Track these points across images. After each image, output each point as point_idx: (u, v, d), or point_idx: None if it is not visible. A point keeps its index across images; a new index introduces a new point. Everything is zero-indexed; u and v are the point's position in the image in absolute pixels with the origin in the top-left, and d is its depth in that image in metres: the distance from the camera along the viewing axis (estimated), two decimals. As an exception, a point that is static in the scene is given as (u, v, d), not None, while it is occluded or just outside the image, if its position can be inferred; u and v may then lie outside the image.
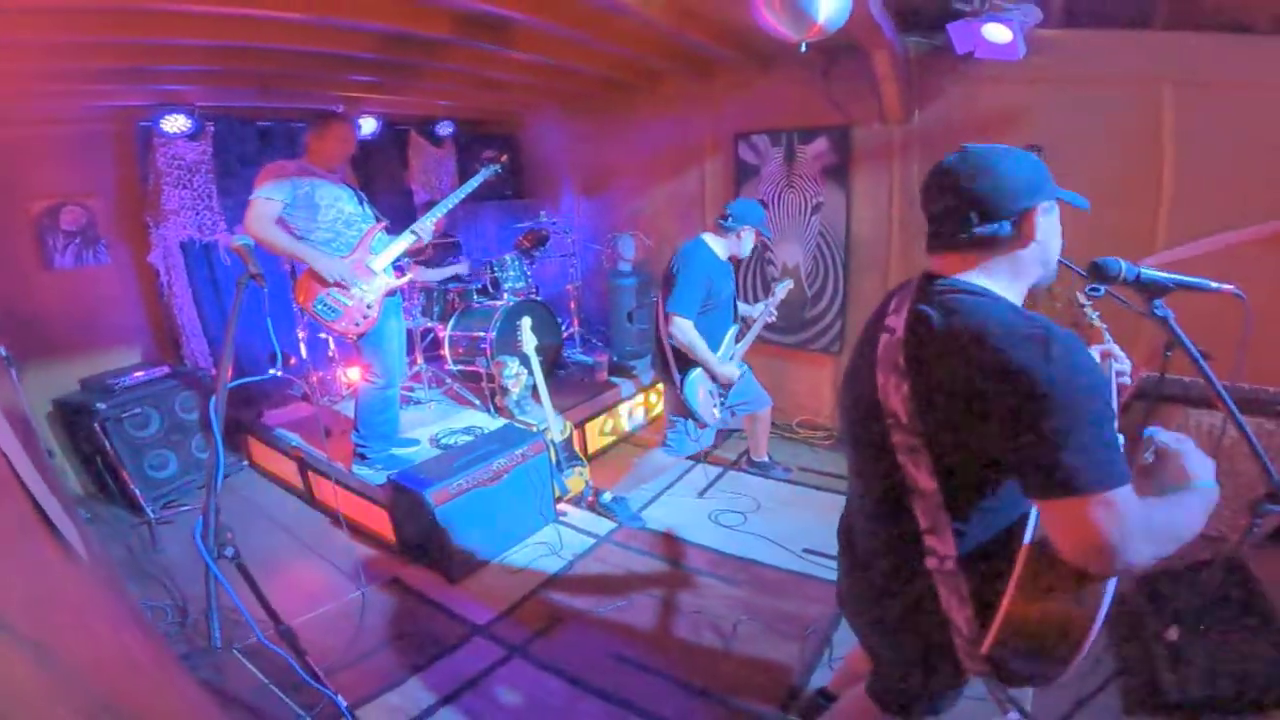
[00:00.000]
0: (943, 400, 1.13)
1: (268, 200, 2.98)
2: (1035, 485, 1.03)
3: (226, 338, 1.81)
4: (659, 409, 5.02)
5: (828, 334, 4.50)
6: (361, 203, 3.32)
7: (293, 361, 4.57)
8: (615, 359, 4.97)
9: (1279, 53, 2.90)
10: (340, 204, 3.19)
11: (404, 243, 3.34)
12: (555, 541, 3.43)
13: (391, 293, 3.33)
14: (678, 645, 2.70)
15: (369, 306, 3.21)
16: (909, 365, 1.18)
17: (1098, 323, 1.67)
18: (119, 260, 4.22)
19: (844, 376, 1.45)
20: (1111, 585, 1.08)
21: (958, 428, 1.12)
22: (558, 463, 3.67)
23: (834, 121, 4.09)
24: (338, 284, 3.11)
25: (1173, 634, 2.31)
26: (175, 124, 3.91)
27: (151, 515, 3.65)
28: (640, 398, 4.86)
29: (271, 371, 4.35)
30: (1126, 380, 1.52)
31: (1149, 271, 1.36)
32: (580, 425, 4.26)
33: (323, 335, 4.42)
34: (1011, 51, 2.99)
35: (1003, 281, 1.23)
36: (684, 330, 3.11)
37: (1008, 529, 1.20)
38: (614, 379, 4.81)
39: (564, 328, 5.18)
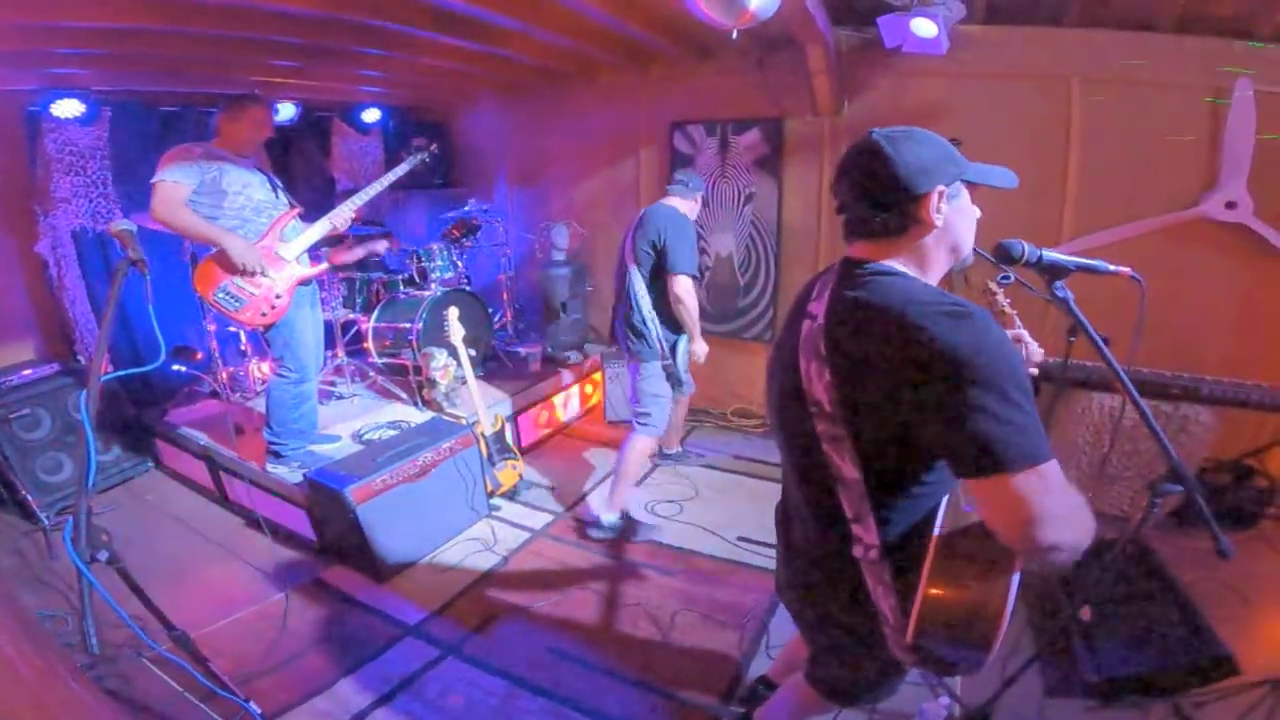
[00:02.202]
0: (865, 386, 1.11)
1: (175, 184, 2.80)
2: (964, 463, 1.02)
3: (101, 329, 1.64)
4: (596, 399, 4.98)
5: (760, 322, 4.54)
6: (275, 189, 3.15)
7: (199, 356, 4.29)
8: (549, 349, 4.88)
9: (1178, 51, 3.09)
10: (250, 190, 3.02)
11: (318, 231, 3.19)
12: (489, 537, 3.34)
13: (304, 282, 3.17)
14: (617, 638, 2.66)
15: (277, 296, 3.04)
16: (830, 352, 1.15)
17: (1008, 308, 1.71)
18: (5, 251, 3.86)
19: (768, 365, 1.43)
20: (1017, 574, 1.08)
21: (881, 413, 1.11)
22: (489, 456, 3.57)
23: (767, 113, 4.13)
24: (244, 271, 2.92)
25: (1086, 614, 2.41)
26: (68, 109, 3.63)
27: (45, 521, 3.36)
28: (576, 389, 4.80)
29: (175, 367, 4.08)
30: (1033, 370, 1.55)
31: (1050, 254, 1.40)
32: (513, 417, 4.16)
33: (233, 329, 4.16)
34: (936, 46, 3.08)
35: (913, 265, 1.22)
36: (690, 291, 3.10)
37: (929, 515, 1.19)
38: (548, 369, 4.73)
39: (496, 318, 5.06)
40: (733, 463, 4.16)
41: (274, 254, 3.04)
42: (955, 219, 1.22)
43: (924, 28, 3.02)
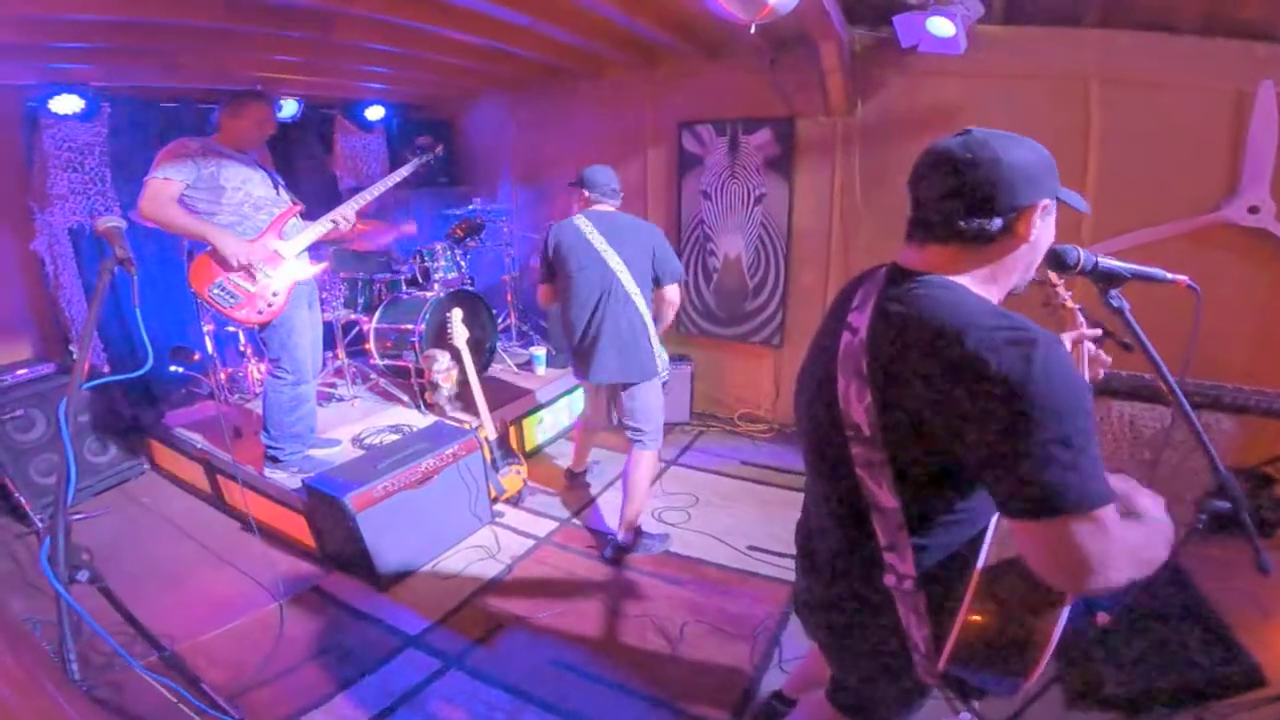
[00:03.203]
0: (911, 413, 1.02)
1: (165, 180, 2.75)
2: (1014, 504, 0.94)
3: (85, 330, 1.55)
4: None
5: (768, 326, 4.47)
6: (276, 186, 3.09)
7: (196, 357, 4.22)
8: (554, 351, 4.81)
9: (1200, 53, 3.02)
10: (249, 186, 2.95)
11: (320, 230, 3.13)
12: (492, 544, 3.26)
13: (303, 281, 3.10)
14: (624, 650, 2.59)
15: (274, 294, 2.97)
16: (873, 372, 1.06)
17: (1070, 303, 1.54)
18: (0, 249, 3.79)
19: (800, 374, 1.34)
20: (1067, 607, 1.03)
21: (927, 444, 1.02)
22: (493, 461, 3.49)
23: (779, 113, 4.06)
24: (239, 268, 2.86)
25: (1103, 619, 2.35)
26: (67, 104, 3.57)
27: (39, 524, 3.30)
28: (580, 391, 4.72)
29: (172, 367, 4.02)
30: (1101, 372, 1.48)
31: (1106, 260, 1.32)
32: (517, 421, 4.09)
33: (231, 328, 4.09)
34: (954, 46, 3.01)
35: (981, 280, 1.12)
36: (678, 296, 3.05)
37: (970, 544, 1.12)
38: (552, 371, 4.66)
39: (500, 319, 4.99)
40: (740, 469, 4.09)
41: (273, 251, 2.97)
42: (1044, 237, 1.12)
43: (941, 27, 2.96)
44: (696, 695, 2.36)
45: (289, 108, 4.41)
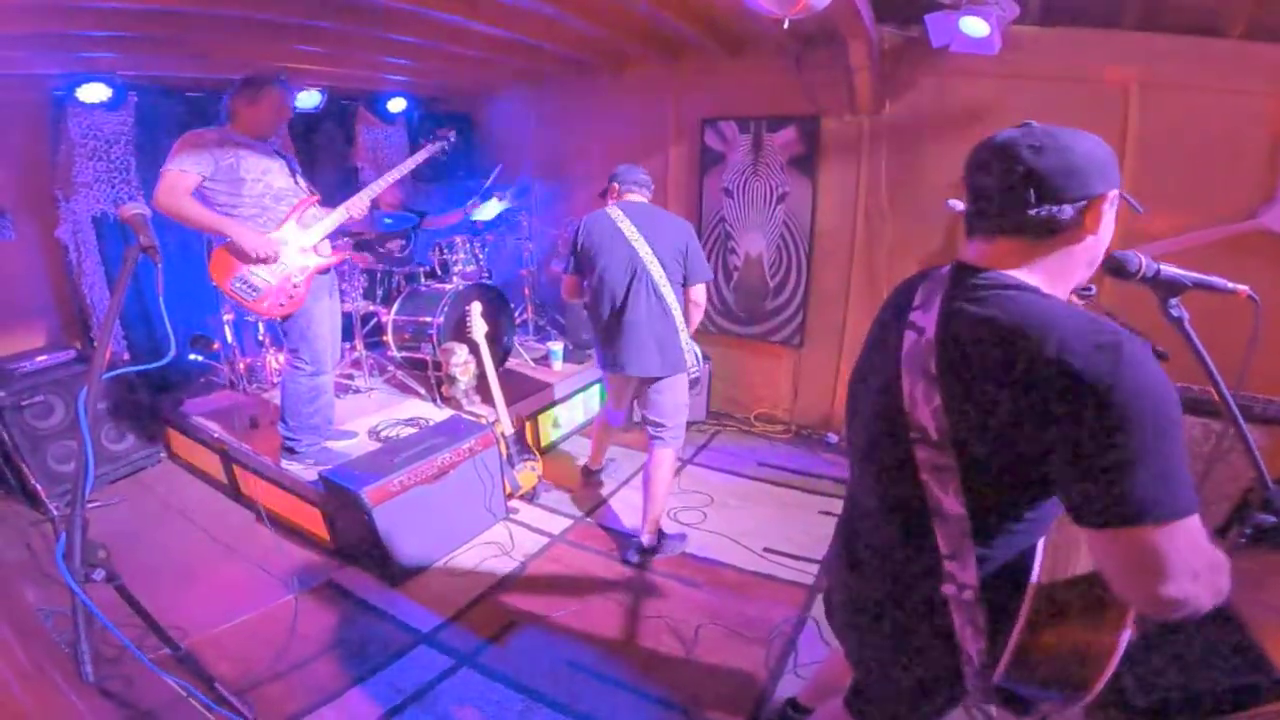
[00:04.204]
0: (986, 416, 0.98)
1: (182, 173, 2.71)
2: (1095, 513, 0.90)
3: (108, 317, 1.53)
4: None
5: (789, 326, 4.42)
6: (294, 175, 3.06)
7: (216, 346, 4.24)
8: (570, 346, 4.79)
9: (1242, 57, 2.94)
10: (269, 177, 2.92)
11: (336, 219, 3.09)
12: (506, 541, 3.25)
13: (323, 271, 3.08)
14: (638, 652, 2.56)
15: (295, 286, 2.96)
16: (943, 373, 1.03)
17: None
18: (25, 236, 3.81)
19: (854, 376, 1.30)
20: (1130, 622, 0.99)
21: (1002, 448, 0.99)
22: (509, 457, 3.47)
23: (804, 110, 3.99)
24: (259, 260, 2.84)
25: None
26: (94, 93, 3.57)
27: (55, 512, 3.30)
28: (597, 387, 4.69)
29: (191, 356, 4.03)
30: None
31: (1169, 269, 1.27)
32: (534, 416, 4.07)
33: (250, 318, 4.10)
34: (988, 46, 2.95)
35: (1047, 277, 1.06)
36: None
37: (1027, 555, 1.08)
38: (569, 366, 4.63)
39: (517, 313, 4.97)
40: (757, 470, 4.05)
41: (294, 242, 2.96)
42: (1107, 233, 1.07)
43: (975, 26, 2.89)
44: (710, 699, 2.33)
45: (312, 99, 4.40)
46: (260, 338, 4.23)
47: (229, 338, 4.17)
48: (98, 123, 3.78)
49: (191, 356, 4.19)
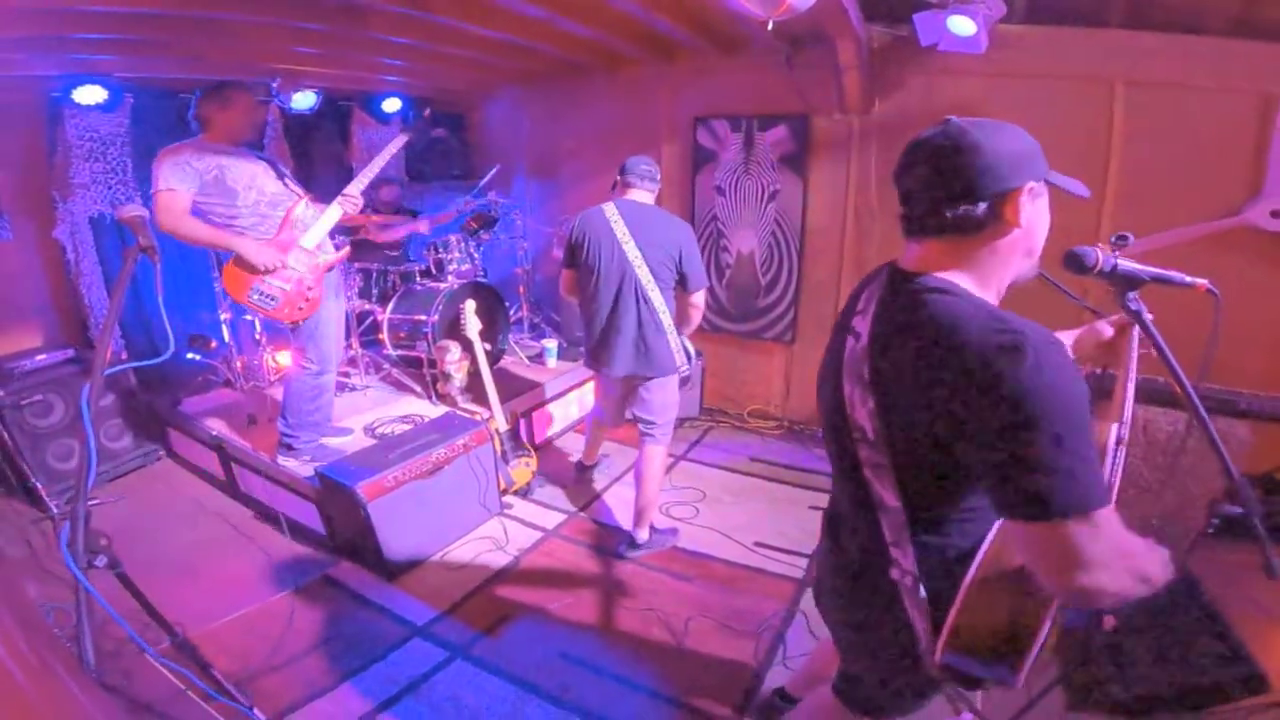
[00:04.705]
0: (910, 418, 1.04)
1: (170, 192, 2.72)
2: (1010, 506, 0.94)
3: (107, 320, 1.58)
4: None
5: (780, 323, 4.46)
6: (281, 177, 3.06)
7: (213, 345, 4.28)
8: (565, 344, 4.83)
9: (1227, 55, 2.97)
10: (259, 183, 2.92)
11: (333, 215, 3.09)
12: (500, 536, 3.29)
13: (331, 269, 3.10)
14: (629, 644, 2.60)
15: (309, 288, 2.98)
16: (874, 378, 1.08)
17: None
18: (22, 236, 3.84)
19: (818, 375, 1.36)
20: (1054, 607, 1.04)
21: (926, 447, 1.04)
22: (503, 453, 3.52)
23: (794, 109, 4.03)
24: (268, 270, 2.86)
25: (1109, 623, 2.33)
26: (90, 95, 3.60)
27: (55, 510, 3.34)
28: (591, 384, 4.73)
29: (189, 355, 4.07)
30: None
31: (1126, 263, 1.30)
32: (528, 413, 4.11)
33: (248, 317, 4.13)
34: (975, 45, 2.97)
35: (979, 275, 1.10)
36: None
37: (969, 547, 1.13)
38: (564, 364, 4.67)
39: (512, 312, 5.00)
40: (749, 465, 4.09)
41: (296, 246, 2.97)
42: (1037, 221, 1.10)
43: (962, 25, 2.92)
44: (701, 690, 2.37)
45: (308, 99, 4.43)
46: (257, 336, 4.26)
47: (226, 337, 4.21)
48: (94, 124, 3.81)
49: (189, 356, 4.23)
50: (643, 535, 3.14)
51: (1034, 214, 1.08)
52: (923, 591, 1.14)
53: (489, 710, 2.28)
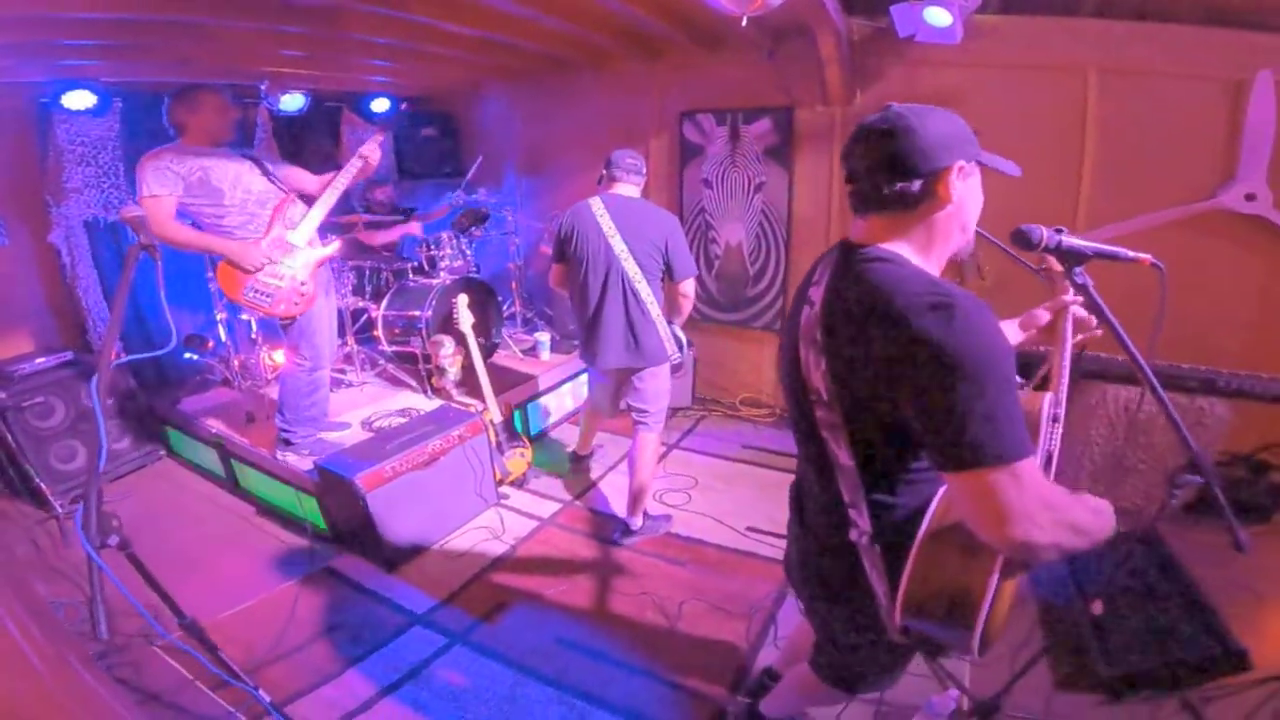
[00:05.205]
0: (855, 376, 1.12)
1: (154, 198, 2.76)
2: (942, 457, 1.02)
3: (113, 314, 1.64)
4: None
5: (769, 311, 4.52)
6: (267, 175, 3.07)
7: (210, 344, 4.33)
8: (558, 337, 4.89)
9: (1198, 42, 3.03)
10: (244, 181, 2.96)
11: (320, 210, 3.10)
12: (497, 525, 3.36)
13: (322, 263, 3.15)
14: (624, 628, 2.67)
15: (303, 284, 3.03)
16: (826, 341, 1.17)
17: (1056, 265, 1.55)
18: (18, 241, 3.88)
19: (778, 350, 1.44)
20: (999, 564, 1.09)
21: (871, 404, 1.12)
22: (498, 444, 3.58)
23: (778, 102, 4.09)
24: (257, 268, 2.91)
25: (1098, 608, 2.38)
26: (79, 100, 3.63)
27: (59, 510, 3.39)
28: (585, 375, 4.80)
29: (186, 355, 4.12)
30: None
31: (1070, 239, 1.37)
32: (522, 405, 4.17)
33: (244, 316, 4.19)
34: (951, 35, 3.03)
35: (918, 246, 1.20)
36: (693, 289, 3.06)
37: (923, 505, 1.20)
38: (557, 356, 4.75)
39: (506, 306, 5.06)
40: (741, 452, 4.16)
41: (285, 242, 3.01)
42: (968, 197, 1.20)
43: (938, 17, 2.98)
44: (694, 671, 2.44)
45: (296, 101, 4.46)
46: (253, 335, 4.31)
47: (223, 336, 4.26)
48: (84, 129, 3.84)
49: (186, 355, 4.28)
50: (637, 522, 3.21)
51: (965, 191, 1.18)
52: (879, 550, 1.21)
53: (487, 693, 2.35)
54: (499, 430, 3.59)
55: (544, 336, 4.78)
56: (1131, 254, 1.39)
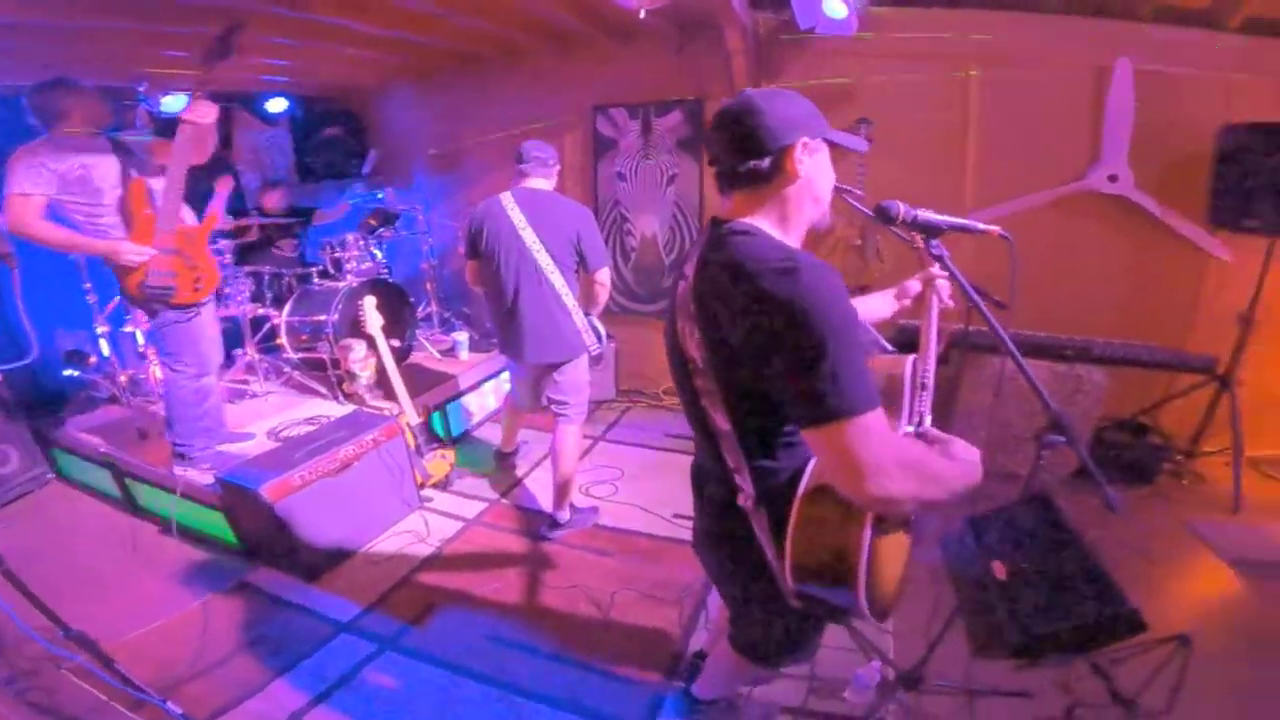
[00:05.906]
0: (722, 341, 1.17)
1: (24, 196, 2.56)
2: (797, 414, 1.07)
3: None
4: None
5: (688, 304, 4.58)
6: (127, 159, 2.85)
7: (92, 360, 4.01)
8: (477, 336, 4.80)
9: (1064, 31, 3.28)
10: (114, 176, 2.78)
11: (173, 189, 2.82)
12: (421, 529, 3.26)
13: (206, 233, 3.00)
14: (557, 621, 2.65)
15: (194, 263, 2.90)
16: (697, 310, 1.21)
17: (920, 242, 1.60)
18: None
19: (664, 327, 1.46)
20: (870, 520, 1.13)
21: (737, 367, 1.17)
22: (417, 447, 3.48)
23: (689, 94, 4.16)
24: (141, 262, 2.74)
25: (1000, 572, 2.50)
26: None
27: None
28: (506, 374, 4.73)
29: (67, 372, 3.81)
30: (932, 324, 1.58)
31: (924, 213, 1.46)
32: (442, 406, 4.07)
33: (129, 328, 3.91)
34: (847, 27, 3.16)
35: (776, 219, 1.27)
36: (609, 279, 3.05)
37: (802, 464, 1.25)
38: (476, 356, 4.66)
39: (421, 307, 4.92)
40: (665, 441, 4.20)
41: (156, 226, 2.81)
42: (816, 172, 1.27)
43: (835, 8, 3.09)
44: (629, 659, 2.44)
45: (179, 102, 4.16)
46: (140, 349, 4.02)
47: (106, 351, 3.96)
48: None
49: (67, 372, 3.95)
50: (564, 515, 3.19)
51: (813, 167, 1.25)
52: (765, 514, 1.26)
53: (423, 695, 2.28)
54: (417, 433, 3.49)
55: (462, 336, 4.68)
56: (982, 226, 1.49)
